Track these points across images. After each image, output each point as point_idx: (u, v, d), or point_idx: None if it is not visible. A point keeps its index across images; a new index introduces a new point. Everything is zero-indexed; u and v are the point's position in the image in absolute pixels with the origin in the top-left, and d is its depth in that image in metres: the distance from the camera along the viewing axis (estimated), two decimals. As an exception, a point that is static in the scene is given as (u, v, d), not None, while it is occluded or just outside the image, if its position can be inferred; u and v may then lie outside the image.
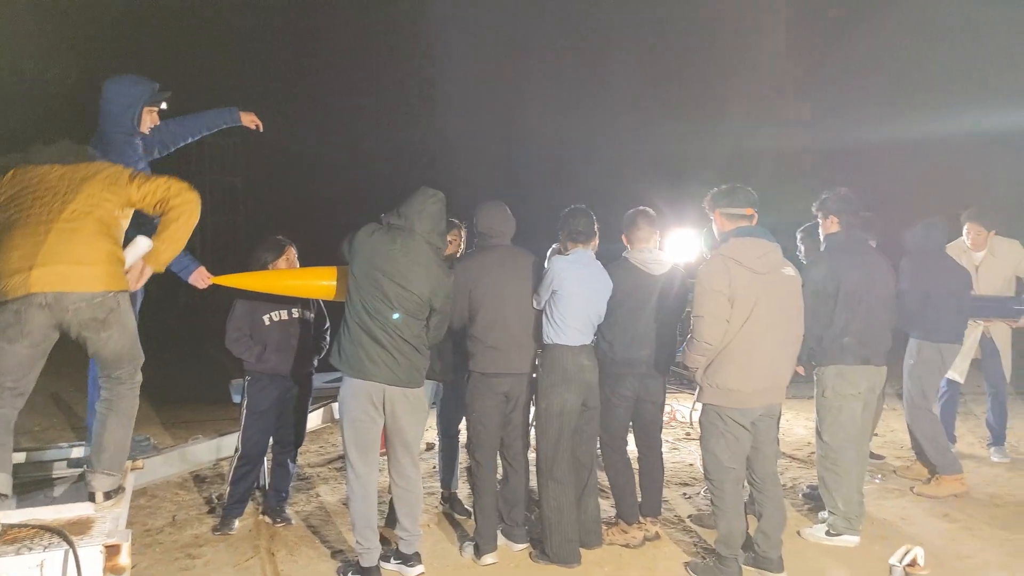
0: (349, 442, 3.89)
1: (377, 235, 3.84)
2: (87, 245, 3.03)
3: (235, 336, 4.63)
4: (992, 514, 4.77)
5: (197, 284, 4.10)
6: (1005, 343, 5.83)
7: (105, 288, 3.03)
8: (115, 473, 3.31)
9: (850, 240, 4.42)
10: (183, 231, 3.25)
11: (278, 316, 4.66)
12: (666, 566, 4.09)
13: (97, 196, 3.11)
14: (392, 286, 3.76)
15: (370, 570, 3.88)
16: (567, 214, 4.22)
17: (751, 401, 3.76)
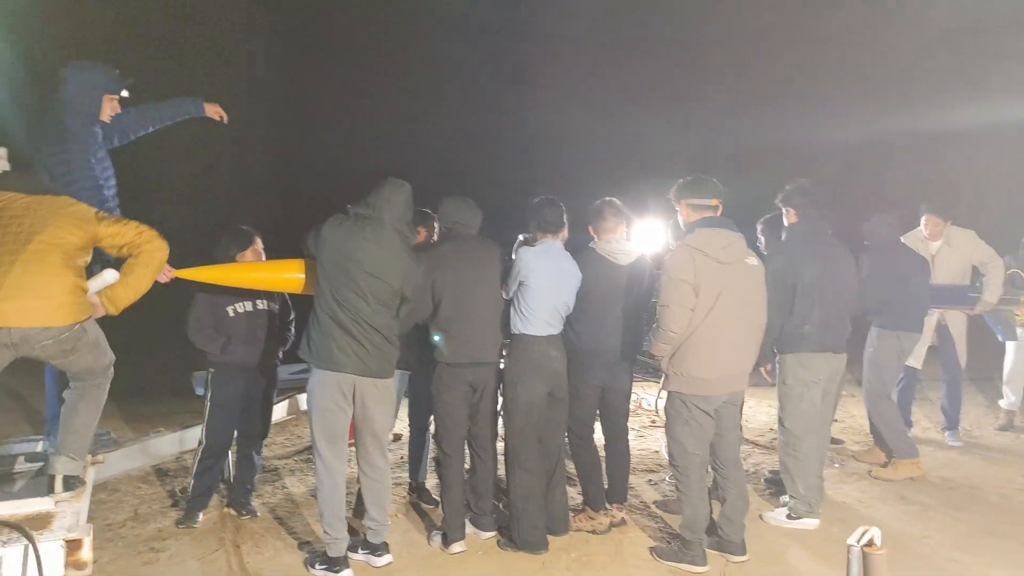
0: (318, 433, 3.87)
1: (346, 225, 3.82)
2: (53, 278, 3.07)
3: (198, 327, 4.55)
4: (946, 496, 4.92)
5: (159, 279, 4.02)
6: (960, 331, 6.00)
7: (72, 320, 3.10)
8: (77, 459, 3.30)
9: (809, 231, 4.50)
10: (147, 278, 3.32)
11: (242, 308, 4.60)
12: (632, 551, 4.15)
13: (64, 230, 3.15)
14: (364, 275, 3.75)
15: (338, 560, 3.87)
16: (537, 204, 4.24)
17: (715, 388, 3.83)
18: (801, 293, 4.36)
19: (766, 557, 4.02)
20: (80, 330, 3.15)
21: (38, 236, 3.09)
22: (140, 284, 3.32)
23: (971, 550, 4.05)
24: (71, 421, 3.28)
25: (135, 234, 3.29)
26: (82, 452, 3.33)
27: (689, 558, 3.88)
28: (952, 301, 5.84)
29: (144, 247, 3.29)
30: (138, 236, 3.29)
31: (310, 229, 3.89)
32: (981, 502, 4.78)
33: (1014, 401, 6.50)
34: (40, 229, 3.11)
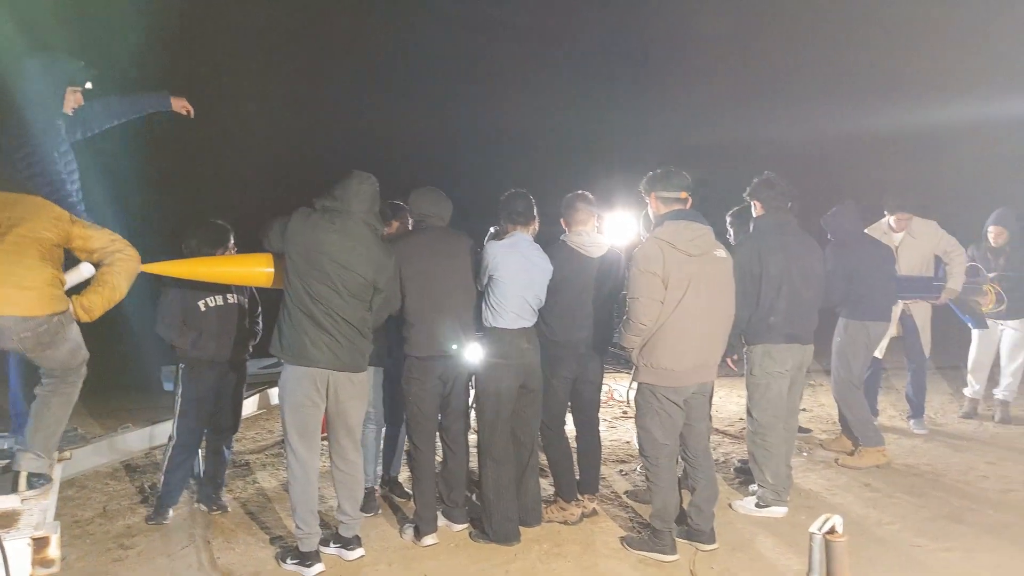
0: (291, 427, 3.85)
1: (313, 218, 3.79)
2: (30, 269, 3.07)
3: (168, 322, 4.51)
4: (910, 483, 5.02)
5: None
6: (925, 321, 6.11)
7: (50, 311, 3.09)
8: (44, 456, 3.27)
9: (775, 223, 4.55)
10: (121, 288, 3.31)
11: (214, 302, 4.56)
12: (603, 540, 4.19)
13: (40, 226, 3.15)
14: (335, 267, 3.73)
15: (309, 555, 3.86)
16: (507, 197, 4.24)
17: (684, 379, 3.87)
18: (766, 285, 4.41)
19: (735, 545, 4.08)
20: (59, 323, 3.14)
21: (15, 230, 3.09)
22: (114, 294, 3.31)
23: (932, 535, 4.14)
24: (42, 418, 3.25)
25: (108, 240, 3.29)
26: (49, 450, 3.29)
27: (659, 547, 3.93)
28: (917, 291, 5.94)
29: (117, 256, 3.28)
30: (111, 243, 3.29)
31: (271, 224, 3.85)
32: (943, 489, 4.88)
33: (978, 389, 6.64)
34: (17, 223, 3.11)
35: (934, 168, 11.54)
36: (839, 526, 2.22)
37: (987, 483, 4.96)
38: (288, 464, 3.92)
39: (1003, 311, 6.26)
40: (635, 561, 3.92)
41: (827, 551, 2.19)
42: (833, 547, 2.18)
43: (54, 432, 3.30)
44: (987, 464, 5.33)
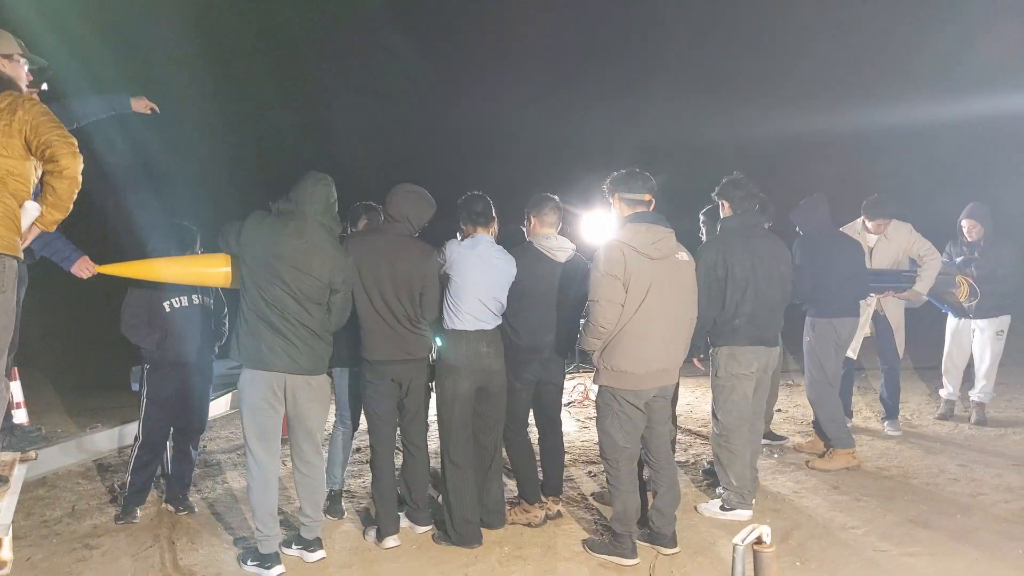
0: (249, 431, 3.86)
1: (268, 221, 3.79)
2: None
3: (132, 323, 4.52)
4: (880, 485, 5.01)
5: (80, 274, 3.96)
6: (899, 320, 6.10)
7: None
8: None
9: (742, 224, 4.54)
10: (67, 192, 3.10)
11: (178, 303, 4.56)
12: (564, 543, 4.18)
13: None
14: (290, 271, 3.73)
15: (269, 556, 3.87)
16: (465, 199, 4.23)
17: (644, 383, 3.85)
18: (731, 287, 4.40)
19: (696, 548, 4.08)
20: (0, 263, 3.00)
21: None
22: (64, 198, 3.11)
23: (898, 540, 4.13)
24: None
25: (57, 135, 3.06)
26: None
27: (619, 551, 3.92)
28: (888, 283, 5.89)
29: (59, 151, 3.04)
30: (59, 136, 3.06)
31: (228, 226, 3.86)
32: (912, 492, 4.87)
33: (951, 391, 6.63)
34: None
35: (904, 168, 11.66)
36: (767, 536, 2.21)
37: (957, 487, 4.95)
38: (248, 467, 3.91)
39: (973, 306, 6.24)
40: (595, 565, 3.92)
41: (756, 562, 2.18)
42: (761, 557, 2.17)
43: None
44: (958, 467, 5.31)
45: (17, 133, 3.04)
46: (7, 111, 3.04)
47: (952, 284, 6.20)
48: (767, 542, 2.19)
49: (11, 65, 3.29)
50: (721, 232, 4.56)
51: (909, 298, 5.99)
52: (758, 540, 2.19)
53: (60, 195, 3.10)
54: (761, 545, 2.17)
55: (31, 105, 3.10)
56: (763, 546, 2.17)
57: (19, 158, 3.06)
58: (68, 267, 3.94)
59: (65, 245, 3.93)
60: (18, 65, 3.33)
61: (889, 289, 5.92)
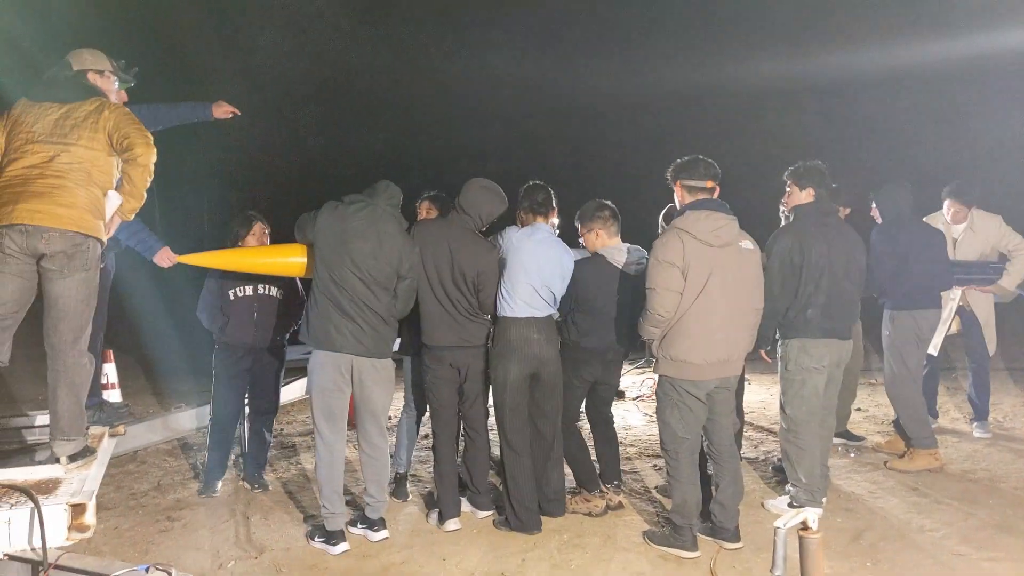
0: (317, 411, 4.02)
1: (340, 208, 3.98)
2: (70, 193, 3.23)
3: (203, 307, 4.86)
4: (963, 488, 4.76)
5: (161, 263, 4.19)
6: (988, 315, 5.74)
7: (79, 229, 3.21)
8: (75, 437, 3.43)
9: (819, 211, 4.38)
10: (141, 180, 3.37)
11: (242, 292, 4.84)
12: (624, 533, 4.15)
13: (86, 144, 3.28)
14: (360, 256, 3.89)
15: (335, 534, 4.00)
16: (527, 189, 4.28)
17: (705, 373, 3.79)
18: (806, 275, 4.25)
19: (760, 546, 3.97)
20: (86, 243, 3.24)
21: (63, 155, 3.25)
22: (138, 188, 3.39)
23: (978, 544, 3.92)
24: (54, 407, 3.37)
25: (136, 130, 3.35)
26: (76, 431, 3.42)
27: (679, 543, 3.87)
28: (973, 274, 5.56)
29: (135, 142, 3.32)
30: (137, 131, 3.35)
31: (304, 216, 4.06)
32: (999, 496, 4.60)
33: None
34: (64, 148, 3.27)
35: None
36: (812, 522, 2.15)
37: (1048, 492, 4.66)
38: (316, 446, 4.09)
39: None
40: (654, 556, 3.88)
41: (801, 547, 2.12)
42: (806, 543, 2.11)
43: (71, 416, 3.39)
44: (1052, 472, 5.00)
45: (102, 130, 3.33)
46: (95, 112, 3.36)
47: None
48: (813, 527, 2.13)
49: (102, 80, 3.61)
50: (797, 218, 4.40)
51: (995, 292, 5.64)
52: (803, 526, 2.13)
53: (135, 183, 3.38)
54: (807, 531, 2.12)
55: (116, 107, 3.43)
56: (808, 531, 2.12)
57: (104, 152, 3.34)
58: (151, 256, 4.18)
59: (149, 236, 4.18)
60: (108, 80, 3.65)
61: (972, 282, 5.59)
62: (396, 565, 3.84)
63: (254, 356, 4.89)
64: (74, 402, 3.46)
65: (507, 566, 3.79)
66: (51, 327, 3.36)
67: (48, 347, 3.36)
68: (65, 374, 3.40)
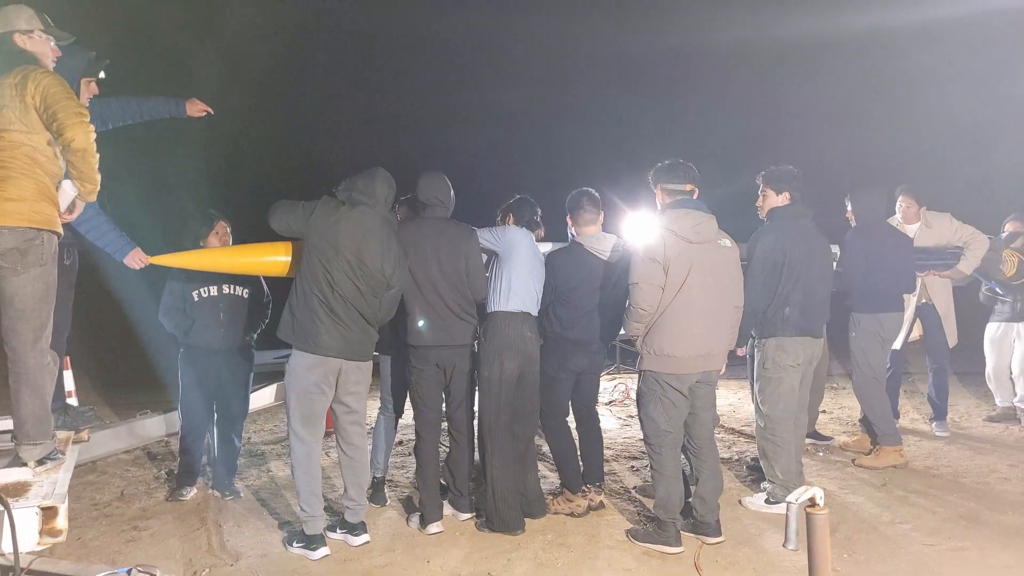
0: (295, 413, 3.92)
1: (342, 211, 3.85)
2: (16, 184, 3.01)
3: (165, 310, 4.73)
4: (928, 483, 4.91)
5: (133, 265, 4.03)
6: (947, 307, 5.90)
7: (30, 224, 3.02)
8: (41, 441, 3.27)
9: (795, 214, 4.51)
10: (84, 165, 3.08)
11: (206, 292, 4.72)
12: (608, 532, 4.16)
13: (21, 128, 3.01)
14: (358, 262, 3.82)
15: (315, 537, 3.91)
16: (516, 203, 4.36)
17: (687, 367, 3.85)
18: (786, 275, 4.36)
19: (741, 539, 4.03)
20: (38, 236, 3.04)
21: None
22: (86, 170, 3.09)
23: (947, 535, 4.04)
24: (17, 411, 3.21)
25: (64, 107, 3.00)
26: (42, 434, 3.27)
27: (663, 539, 3.90)
28: (933, 259, 5.72)
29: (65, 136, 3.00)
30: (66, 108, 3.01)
31: (289, 207, 3.90)
32: (961, 490, 4.76)
33: (1004, 398, 6.44)
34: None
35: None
36: (819, 498, 2.19)
37: (1008, 485, 4.82)
38: (292, 449, 3.98)
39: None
40: (639, 553, 3.89)
41: (808, 524, 2.16)
42: (813, 519, 2.16)
43: (38, 420, 3.24)
44: (1009, 467, 5.18)
45: (31, 108, 3.02)
46: (19, 86, 3.01)
47: (999, 260, 5.98)
48: (820, 504, 2.17)
49: (31, 41, 3.19)
50: (776, 220, 4.51)
51: (952, 276, 5.80)
52: (811, 503, 2.17)
53: (79, 169, 3.10)
54: (814, 508, 2.16)
55: (41, 76, 3.04)
56: (816, 508, 2.16)
57: (42, 135, 3.06)
58: (121, 258, 4.00)
59: (119, 237, 3.99)
60: (39, 41, 3.22)
61: (932, 267, 5.74)
62: (379, 568, 3.77)
63: (222, 359, 4.77)
64: (39, 405, 3.30)
65: (493, 566, 3.76)
66: (8, 328, 3.17)
67: (8, 350, 3.18)
68: (27, 376, 3.22)
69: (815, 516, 2.15)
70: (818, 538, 2.12)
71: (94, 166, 3.14)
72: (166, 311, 4.72)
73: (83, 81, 3.81)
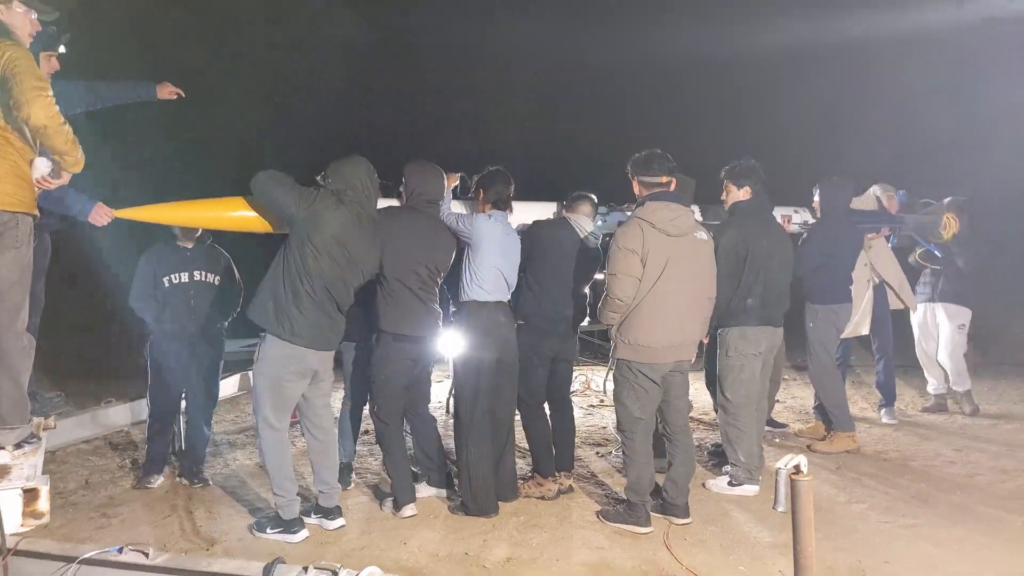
0: (267, 402, 3.87)
1: (341, 211, 3.82)
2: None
3: (137, 294, 4.68)
4: (879, 467, 5.15)
5: (98, 222, 3.87)
6: (900, 279, 6.16)
7: (3, 208, 2.99)
8: (17, 426, 3.24)
9: (757, 207, 4.69)
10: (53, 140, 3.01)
11: (177, 279, 4.69)
12: (579, 514, 4.27)
13: None
14: (350, 261, 3.86)
15: (293, 521, 3.92)
16: (490, 175, 4.36)
17: (660, 356, 3.97)
18: (748, 267, 4.53)
19: (708, 519, 4.18)
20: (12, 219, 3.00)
21: None
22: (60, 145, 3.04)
23: (900, 513, 4.24)
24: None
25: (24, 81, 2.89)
26: (18, 418, 3.24)
27: (633, 519, 4.02)
28: (877, 222, 5.93)
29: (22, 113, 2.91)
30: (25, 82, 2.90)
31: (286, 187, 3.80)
32: (911, 473, 5.00)
33: (937, 384, 6.75)
34: None
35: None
36: (804, 466, 2.33)
37: (954, 468, 5.09)
38: (261, 438, 3.92)
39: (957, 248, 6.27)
40: (610, 532, 4.01)
41: (792, 490, 2.30)
42: (798, 486, 2.29)
43: (15, 403, 3.22)
44: (954, 451, 5.46)
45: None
46: None
47: (939, 223, 6.16)
48: (804, 471, 2.31)
49: (7, 12, 3.08)
50: (739, 214, 4.68)
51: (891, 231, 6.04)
52: (796, 470, 2.31)
53: (51, 146, 3.04)
54: (799, 475, 2.30)
55: (6, 48, 2.94)
56: (800, 475, 2.30)
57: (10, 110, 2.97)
58: (84, 217, 3.85)
59: (77, 198, 3.80)
60: (17, 13, 3.11)
61: (877, 228, 5.92)
62: (358, 550, 3.80)
63: (192, 346, 4.74)
64: (14, 387, 3.26)
65: (470, 546, 3.83)
66: None
67: None
68: (3, 359, 3.20)
69: (800, 482, 2.28)
70: (802, 501, 2.26)
71: (65, 140, 3.07)
72: (137, 296, 4.67)
73: (43, 56, 3.61)
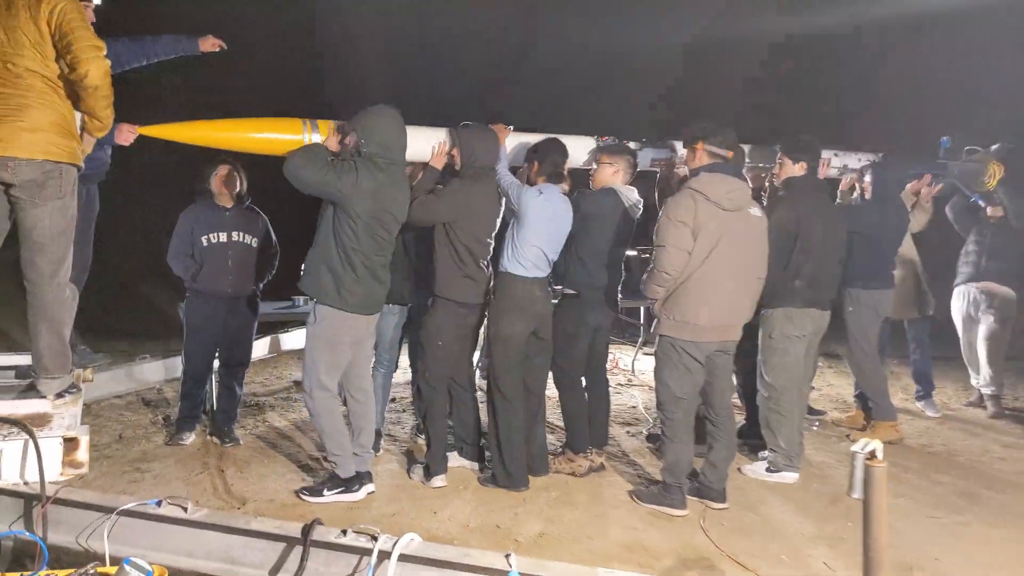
0: (323, 366, 3.84)
1: (380, 178, 3.74)
2: (31, 114, 2.95)
3: (174, 252, 4.65)
4: (925, 460, 4.97)
5: (123, 142, 3.87)
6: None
7: (47, 157, 2.97)
8: (59, 375, 3.26)
9: (811, 185, 4.50)
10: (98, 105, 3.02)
11: (215, 238, 4.65)
12: (611, 493, 4.19)
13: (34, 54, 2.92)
14: (394, 224, 3.86)
15: (352, 479, 3.92)
16: (542, 147, 4.25)
17: (706, 335, 3.83)
18: (799, 246, 4.35)
19: (745, 506, 4.07)
20: (57, 169, 3.02)
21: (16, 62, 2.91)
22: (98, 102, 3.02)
23: (949, 509, 4.09)
24: (36, 345, 3.21)
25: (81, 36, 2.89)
26: (60, 368, 3.27)
27: (669, 501, 3.92)
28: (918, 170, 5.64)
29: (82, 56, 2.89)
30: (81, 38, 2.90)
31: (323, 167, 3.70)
32: (958, 468, 4.83)
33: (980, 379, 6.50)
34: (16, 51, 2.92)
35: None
36: (879, 452, 2.23)
37: (1004, 465, 4.91)
38: (313, 399, 3.88)
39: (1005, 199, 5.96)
40: (644, 513, 3.92)
41: (867, 475, 2.20)
42: (872, 472, 2.19)
43: (56, 354, 3.25)
44: (1003, 448, 5.27)
45: (45, 32, 2.91)
46: (32, 7, 2.90)
47: (983, 172, 5.82)
48: (879, 458, 2.21)
49: None
50: (793, 191, 4.47)
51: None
52: (871, 456, 2.21)
53: (89, 105, 3.02)
54: (873, 460, 2.20)
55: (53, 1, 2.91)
56: (875, 461, 2.19)
57: (58, 62, 2.97)
58: (109, 143, 3.84)
59: None
60: None
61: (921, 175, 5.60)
62: (387, 516, 3.76)
63: (228, 306, 4.71)
64: (56, 339, 3.28)
65: (500, 519, 3.77)
66: (27, 261, 3.16)
67: (26, 283, 3.17)
68: (45, 310, 3.22)
69: (875, 468, 2.18)
70: (876, 488, 2.16)
71: (105, 104, 3.07)
72: (174, 255, 4.64)
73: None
